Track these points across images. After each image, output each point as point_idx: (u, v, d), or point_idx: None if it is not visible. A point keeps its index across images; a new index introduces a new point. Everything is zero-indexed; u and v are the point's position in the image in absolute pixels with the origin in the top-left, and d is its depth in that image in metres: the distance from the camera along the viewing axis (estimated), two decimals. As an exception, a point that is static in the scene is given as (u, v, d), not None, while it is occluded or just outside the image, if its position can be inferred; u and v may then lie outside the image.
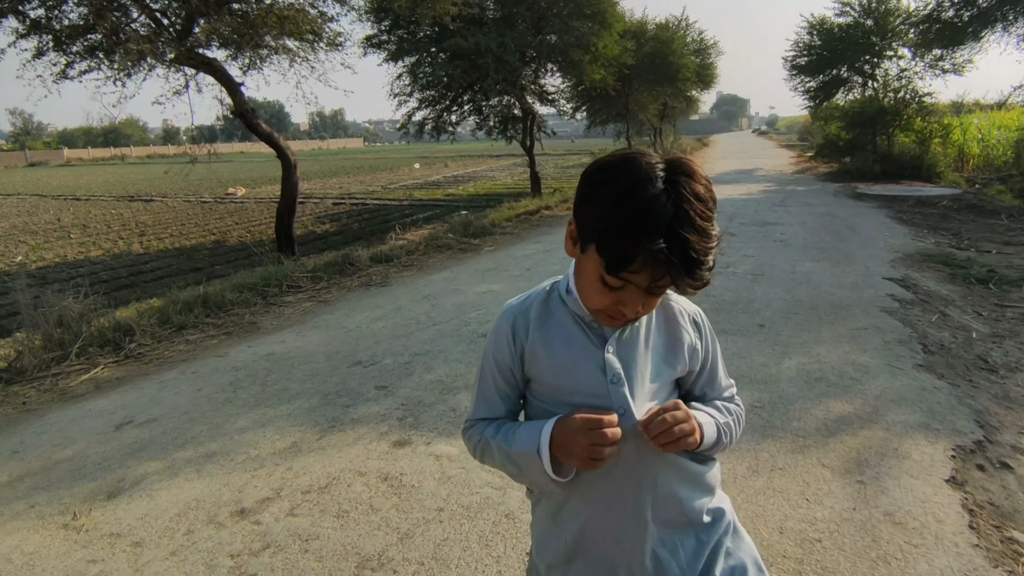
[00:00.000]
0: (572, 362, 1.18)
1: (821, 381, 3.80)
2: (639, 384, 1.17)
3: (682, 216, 0.96)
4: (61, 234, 14.36)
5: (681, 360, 1.23)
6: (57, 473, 3.10)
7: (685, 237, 0.95)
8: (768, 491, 2.67)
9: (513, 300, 1.28)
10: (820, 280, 6.21)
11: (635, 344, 1.19)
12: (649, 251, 0.95)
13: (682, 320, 1.25)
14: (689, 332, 1.25)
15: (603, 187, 1.02)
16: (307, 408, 3.71)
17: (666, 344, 1.23)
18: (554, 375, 1.19)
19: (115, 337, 5.07)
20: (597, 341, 1.18)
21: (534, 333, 1.21)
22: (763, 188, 15.50)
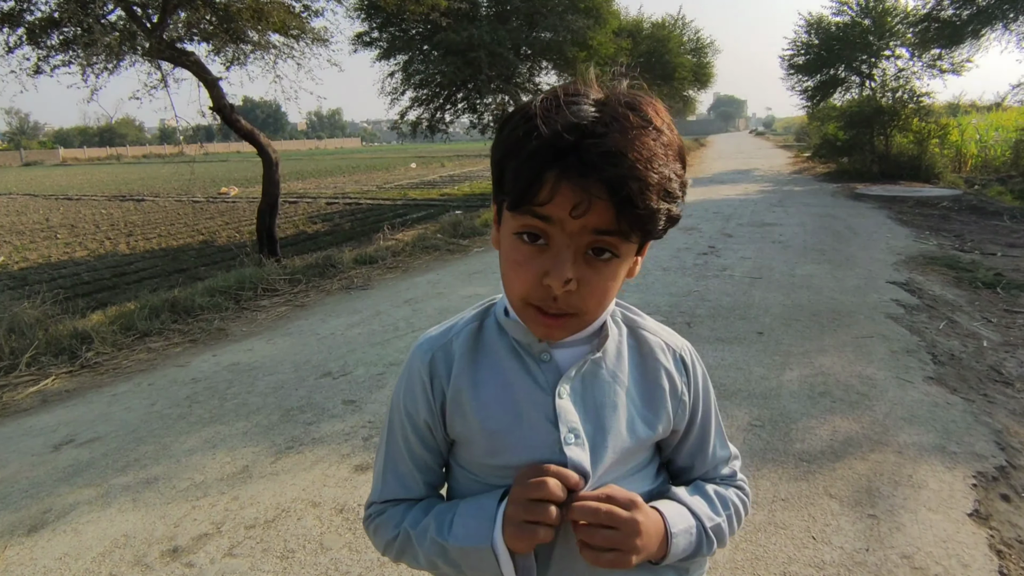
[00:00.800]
0: (510, 413, 0.86)
1: (825, 396, 3.50)
2: (606, 443, 0.85)
3: (606, 120, 0.70)
4: (48, 234, 14.02)
5: (663, 414, 0.91)
6: (-22, 502, 2.78)
7: (607, 135, 0.69)
8: (769, 527, 2.36)
9: (432, 330, 0.95)
10: (821, 284, 5.92)
11: (599, 384, 0.87)
12: (558, 158, 0.69)
13: (663, 357, 0.93)
14: (673, 374, 0.93)
15: (511, 118, 0.76)
16: (265, 426, 3.40)
17: (643, 390, 0.91)
18: (487, 434, 0.86)
19: (71, 345, 4.74)
20: (545, 382, 0.86)
21: (459, 376, 0.88)
22: (760, 188, 15.22)
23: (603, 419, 0.86)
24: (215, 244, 12.21)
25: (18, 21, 8.09)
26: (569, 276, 0.73)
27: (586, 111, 0.70)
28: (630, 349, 0.92)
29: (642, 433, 0.89)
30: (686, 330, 4.70)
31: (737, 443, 2.99)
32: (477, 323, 0.92)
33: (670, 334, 0.97)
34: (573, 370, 0.86)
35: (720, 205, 12.03)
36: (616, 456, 0.86)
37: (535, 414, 0.85)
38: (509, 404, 0.86)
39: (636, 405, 0.89)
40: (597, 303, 0.79)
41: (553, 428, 0.84)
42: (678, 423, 0.93)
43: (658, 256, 7.36)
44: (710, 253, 7.53)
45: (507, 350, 0.88)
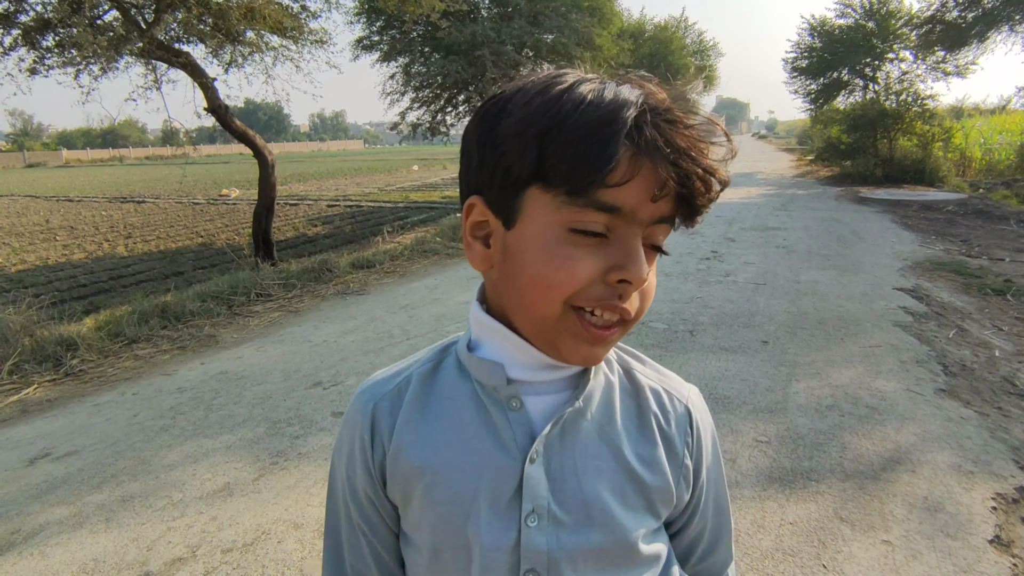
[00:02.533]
0: (461, 478, 0.66)
1: (833, 410, 3.36)
2: (585, 526, 0.66)
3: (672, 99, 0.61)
4: (47, 236, 13.91)
5: (663, 489, 0.70)
6: (-55, 521, 2.65)
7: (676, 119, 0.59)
8: (777, 554, 2.22)
9: (378, 374, 0.76)
10: (827, 290, 5.77)
11: (580, 442, 0.67)
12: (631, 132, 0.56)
13: (658, 406, 0.73)
14: (673, 433, 0.72)
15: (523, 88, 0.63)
16: (250, 439, 3.26)
17: (639, 450, 0.70)
18: (430, 503, 0.67)
19: (55, 352, 4.61)
20: (513, 439, 0.66)
21: (404, 430, 0.69)
22: (763, 192, 15.08)
23: (583, 492, 0.66)
24: (213, 247, 12.09)
25: (12, 23, 8.00)
26: (647, 270, 0.61)
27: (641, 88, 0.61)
28: (623, 396, 0.72)
29: (641, 513, 0.69)
30: (688, 338, 4.57)
31: (743, 460, 2.86)
32: (432, 364, 0.74)
33: (675, 380, 0.77)
34: (549, 425, 0.66)
35: (723, 208, 11.89)
36: (605, 546, 0.67)
37: (496, 482, 0.66)
38: (459, 464, 0.67)
39: (631, 472, 0.69)
40: (646, 307, 0.65)
41: (515, 502, 0.65)
42: (680, 495, 0.73)
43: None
44: (713, 258, 7.40)
45: (467, 397, 0.69)
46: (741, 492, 2.61)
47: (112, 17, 8.18)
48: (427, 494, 0.67)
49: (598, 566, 0.67)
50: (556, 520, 0.65)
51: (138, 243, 12.79)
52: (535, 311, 0.62)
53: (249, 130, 8.77)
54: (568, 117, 0.57)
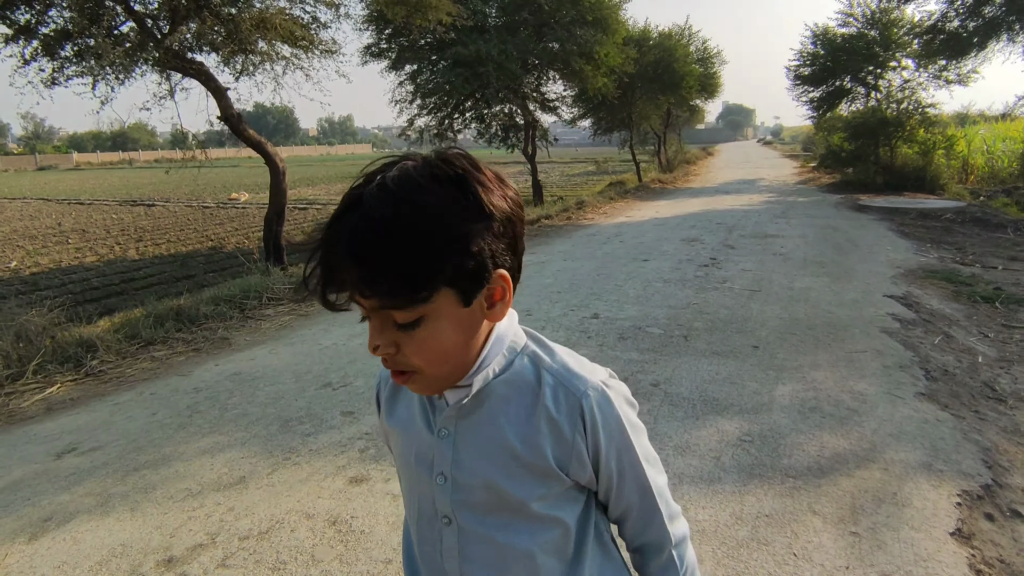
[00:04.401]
0: (406, 442, 0.96)
1: (816, 411, 3.54)
2: (474, 486, 0.89)
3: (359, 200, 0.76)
4: (59, 239, 14.16)
5: (543, 461, 0.87)
6: (-18, 510, 2.85)
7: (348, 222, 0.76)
8: (752, 543, 2.40)
9: None
10: (819, 297, 5.95)
11: (474, 426, 0.89)
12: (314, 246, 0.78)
13: (553, 403, 0.86)
14: (556, 418, 0.86)
15: None
16: (264, 436, 3.46)
17: (525, 434, 0.87)
18: (396, 454, 1.01)
19: (76, 353, 4.83)
20: (433, 422, 0.93)
21: (386, 404, 1.02)
22: (765, 199, 15.24)
23: (472, 462, 0.88)
24: (223, 251, 12.31)
25: (34, 34, 8.25)
26: (376, 343, 0.80)
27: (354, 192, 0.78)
28: (522, 390, 0.87)
29: (524, 479, 0.87)
30: (683, 343, 4.75)
31: (726, 458, 3.04)
32: None
33: (575, 377, 0.88)
34: (447, 412, 0.89)
35: (724, 216, 12.06)
36: (492, 502, 0.88)
37: (420, 449, 0.92)
38: (406, 439, 0.96)
39: (511, 450, 0.86)
40: (428, 362, 0.81)
41: (431, 466, 0.91)
42: (577, 476, 0.89)
43: (659, 268, 7.41)
44: (711, 265, 7.57)
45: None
46: (723, 487, 2.79)
47: (129, 28, 8.43)
48: (394, 447, 1.00)
49: (492, 517, 0.89)
50: (455, 482, 0.89)
51: (149, 246, 13.02)
52: None
53: (261, 138, 8.99)
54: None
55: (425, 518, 0.94)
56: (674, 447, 3.18)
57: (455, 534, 0.91)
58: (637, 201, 15.73)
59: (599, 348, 4.71)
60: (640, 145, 26.54)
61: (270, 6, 8.53)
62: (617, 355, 4.54)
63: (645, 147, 29.37)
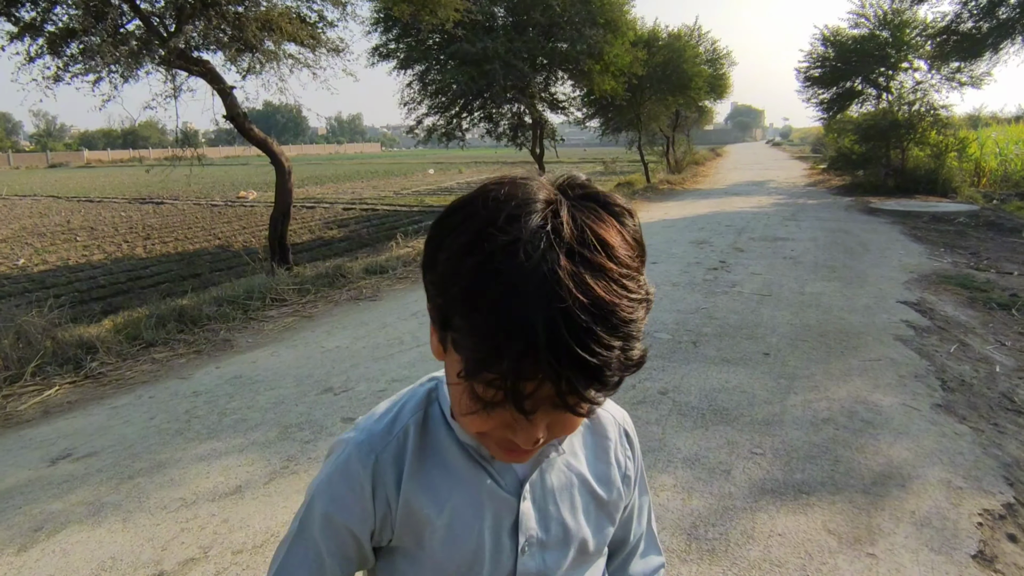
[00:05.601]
0: (467, 522, 0.76)
1: (829, 423, 3.43)
2: (567, 546, 0.80)
3: (572, 285, 0.54)
4: (68, 237, 14.17)
5: (615, 500, 0.86)
6: (-28, 518, 2.78)
7: (575, 324, 0.53)
8: (764, 564, 2.31)
9: (367, 421, 0.80)
10: (830, 303, 5.83)
11: (557, 479, 0.80)
12: (515, 350, 0.54)
13: (612, 432, 0.87)
14: (618, 451, 0.87)
15: (448, 238, 0.61)
16: (263, 443, 3.38)
17: (598, 474, 0.84)
18: (441, 545, 0.76)
19: (76, 355, 4.77)
20: (505, 482, 0.77)
21: (410, 483, 0.75)
22: (774, 201, 15.11)
23: (563, 519, 0.80)
24: (230, 249, 12.27)
25: (39, 31, 8.21)
26: (540, 437, 0.63)
27: (543, 276, 0.54)
28: (583, 429, 0.85)
29: (603, 523, 0.84)
30: (692, 350, 4.65)
31: (736, 472, 2.94)
32: (422, 413, 0.78)
33: (614, 406, 0.91)
34: (536, 471, 0.78)
35: (733, 218, 11.94)
36: (576, 556, 0.81)
37: (496, 521, 0.76)
38: (464, 511, 0.76)
39: (594, 494, 0.83)
40: (568, 435, 0.75)
41: (512, 535, 0.77)
42: (627, 502, 0.89)
43: (668, 271, 7.30)
44: (720, 268, 7.46)
45: (458, 449, 0.77)
46: (733, 503, 2.69)
47: (135, 26, 8.39)
48: (439, 537, 0.75)
49: (573, 568, 0.82)
50: (543, 545, 0.78)
51: (156, 244, 13.02)
52: (460, 423, 0.72)
53: (267, 137, 8.93)
54: (460, 307, 0.58)
55: None
56: (683, 459, 3.08)
57: None
58: (645, 202, 15.61)
59: (606, 354, 4.60)
60: (648, 146, 26.38)
61: (277, 5, 8.48)
62: (624, 361, 4.43)
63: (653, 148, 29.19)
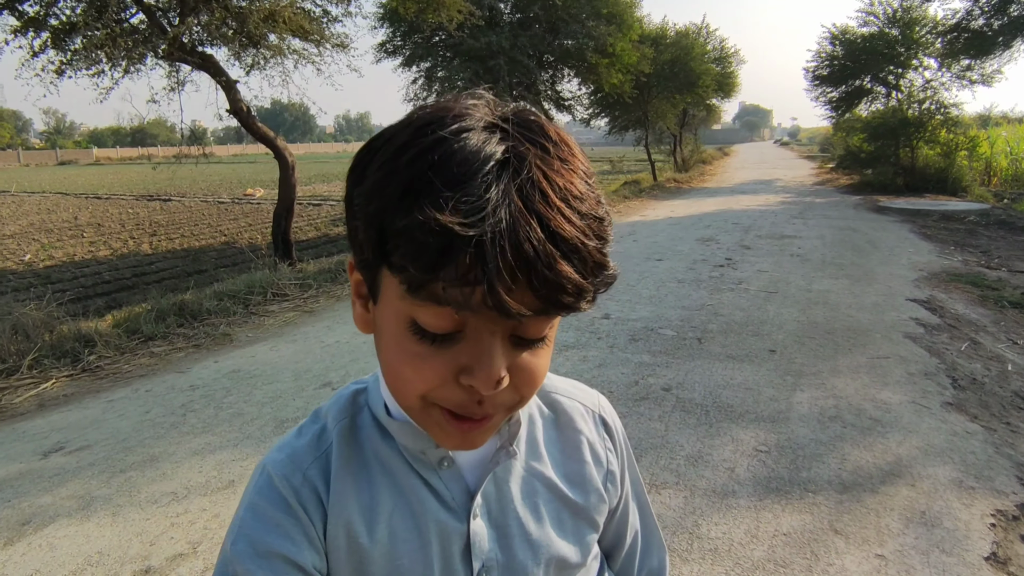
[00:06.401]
0: (411, 547, 0.63)
1: (836, 421, 3.35)
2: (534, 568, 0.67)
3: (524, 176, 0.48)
4: (75, 233, 14.17)
5: (594, 497, 0.72)
6: (-40, 511, 2.73)
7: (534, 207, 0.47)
8: (769, 564, 2.23)
9: (288, 437, 0.69)
10: (838, 300, 5.74)
11: (514, 488, 0.67)
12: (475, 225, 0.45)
13: (583, 423, 0.74)
14: (595, 443, 0.74)
15: (381, 149, 0.52)
16: (258, 437, 3.33)
17: (568, 473, 0.71)
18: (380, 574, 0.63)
19: (74, 348, 4.72)
20: (452, 498, 0.65)
21: (339, 498, 0.63)
22: (781, 199, 14.99)
23: (528, 535, 0.66)
24: (236, 246, 12.25)
25: (42, 25, 8.20)
26: (503, 373, 0.52)
27: (489, 153, 0.48)
28: (545, 424, 0.72)
29: (582, 533, 0.71)
30: (696, 346, 4.57)
31: (741, 470, 2.87)
32: (348, 420, 0.67)
33: (583, 391, 0.78)
34: (487, 480, 0.66)
35: (740, 216, 11.84)
36: (552, 572, 0.68)
37: (444, 545, 0.64)
38: (406, 535, 0.63)
39: (566, 500, 0.70)
40: (532, 390, 0.57)
41: (465, 561, 0.64)
42: (612, 500, 0.75)
43: (674, 268, 7.22)
44: (727, 265, 7.38)
45: (396, 460, 0.65)
46: (737, 501, 2.62)
47: (138, 20, 8.36)
48: (376, 565, 0.63)
49: None
50: (507, 568, 0.65)
51: (163, 241, 13.01)
52: (397, 398, 0.59)
53: (270, 132, 8.89)
54: (403, 200, 0.48)
55: None
56: (685, 457, 3.01)
57: None
58: (652, 200, 15.52)
59: (609, 349, 4.54)
60: (655, 144, 26.26)
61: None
62: (628, 357, 4.37)
63: (660, 146, 29.07)
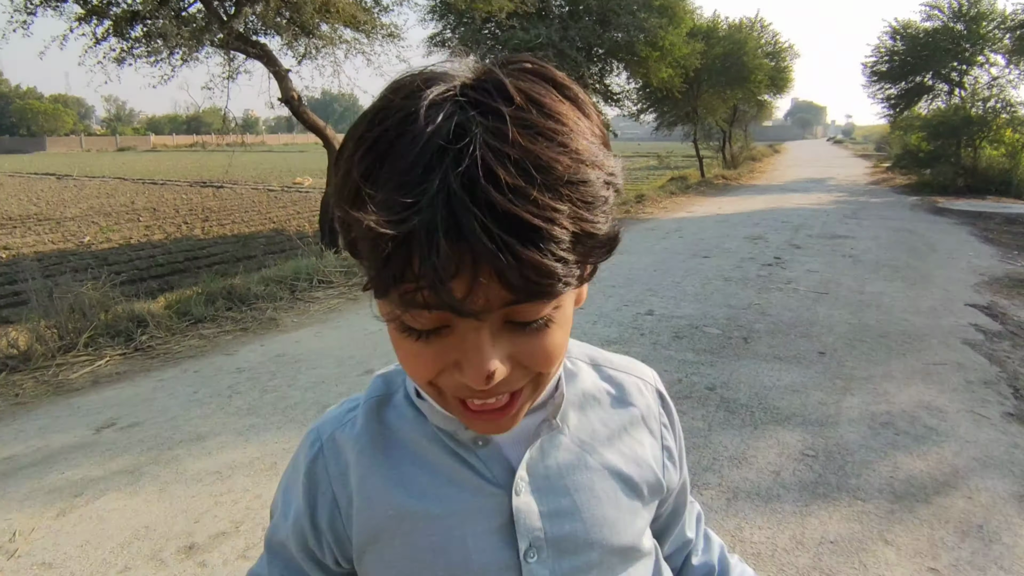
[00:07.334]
0: (444, 525, 0.61)
1: (888, 427, 3.24)
2: (588, 545, 0.63)
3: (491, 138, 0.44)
4: (131, 217, 14.60)
5: (652, 480, 0.68)
6: (16, 482, 2.83)
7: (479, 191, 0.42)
8: (814, 572, 2.16)
9: (332, 409, 0.70)
10: (892, 303, 5.56)
11: (564, 462, 0.64)
12: (403, 221, 0.42)
13: (640, 398, 0.71)
14: (654, 421, 0.71)
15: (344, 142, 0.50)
16: (301, 421, 3.37)
17: (624, 450, 0.67)
18: (410, 556, 0.61)
19: (127, 328, 4.86)
20: (492, 474, 0.62)
21: (368, 474, 0.62)
22: (834, 198, 14.59)
23: (579, 511, 0.63)
24: (284, 233, 12.47)
25: (105, 13, 8.45)
26: (493, 368, 0.49)
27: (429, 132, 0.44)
28: (601, 399, 0.69)
29: (637, 513, 0.67)
30: (742, 346, 4.48)
31: (786, 474, 2.79)
32: (378, 399, 0.66)
33: (640, 366, 0.75)
34: (529, 452, 0.62)
35: (790, 215, 11.57)
36: (606, 557, 0.64)
37: (481, 523, 0.61)
38: (445, 515, 0.61)
39: (620, 476, 0.66)
40: (548, 365, 0.53)
41: (504, 544, 0.61)
42: (671, 479, 0.72)
43: (720, 266, 7.09)
44: (775, 264, 7.21)
45: (429, 439, 0.63)
46: (782, 506, 2.55)
47: (196, 9, 8.56)
48: (405, 545, 0.62)
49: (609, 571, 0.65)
50: (557, 547, 0.62)
51: (214, 226, 13.32)
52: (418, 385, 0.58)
53: (319, 121, 9.01)
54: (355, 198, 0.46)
55: None
56: (729, 458, 2.94)
57: None
58: (699, 197, 15.27)
59: (652, 347, 4.48)
60: (704, 140, 25.81)
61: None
62: (671, 355, 4.30)
63: (709, 142, 28.58)
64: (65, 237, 11.95)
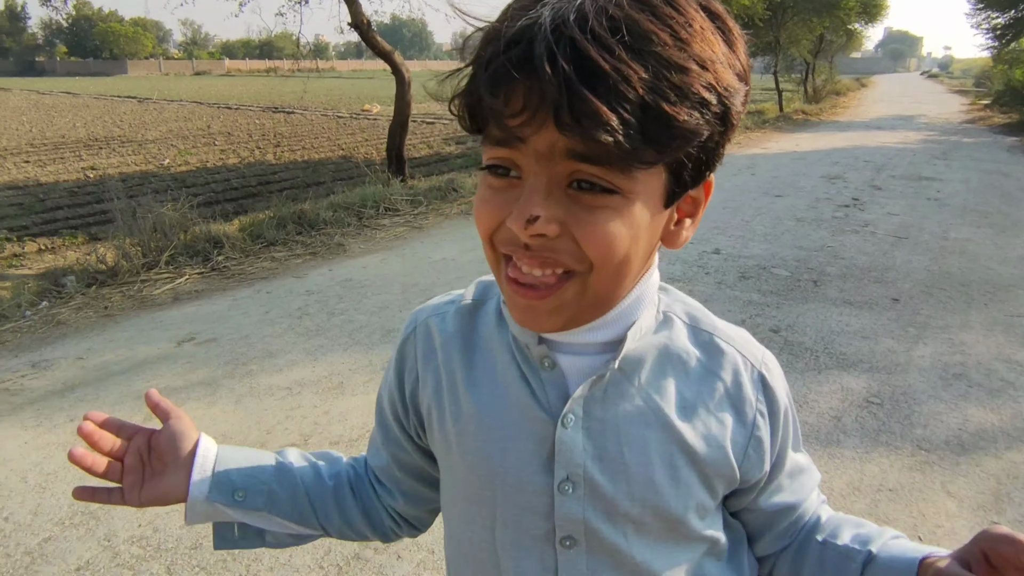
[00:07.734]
0: (493, 434, 0.64)
1: (961, 379, 3.13)
2: (624, 497, 0.62)
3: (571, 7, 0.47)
4: (207, 141, 15.01)
5: (719, 460, 0.63)
6: (108, 387, 3.05)
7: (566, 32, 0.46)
8: (870, 518, 2.14)
9: (434, 300, 0.76)
10: (978, 251, 5.28)
11: (624, 409, 0.62)
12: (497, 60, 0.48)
13: (727, 373, 0.65)
14: (745, 403, 0.65)
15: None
16: (366, 344, 3.49)
17: (697, 419, 0.63)
18: (461, 451, 0.66)
19: (204, 248, 5.07)
20: (547, 400, 0.62)
21: (445, 364, 0.68)
22: (923, 137, 13.75)
23: (626, 466, 0.61)
24: (352, 160, 12.60)
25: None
26: (536, 213, 0.50)
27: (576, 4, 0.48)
28: (687, 361, 0.64)
29: (694, 490, 0.63)
30: (811, 289, 4.35)
31: (848, 419, 2.76)
32: (473, 303, 0.71)
33: (749, 343, 0.68)
34: (583, 387, 0.60)
35: (873, 153, 10.99)
36: (637, 515, 0.62)
37: (527, 444, 0.63)
38: (497, 424, 0.64)
39: (682, 444, 0.62)
40: (605, 257, 0.52)
41: (543, 470, 0.62)
42: (755, 472, 0.66)
43: (794, 205, 6.84)
44: (853, 206, 6.91)
45: (504, 349, 0.65)
46: (841, 451, 2.52)
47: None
48: (460, 439, 0.66)
49: (642, 539, 0.63)
50: (594, 489, 0.61)
51: (285, 152, 13.58)
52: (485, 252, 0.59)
53: (388, 46, 8.94)
54: (476, 47, 0.54)
55: (526, 541, 0.64)
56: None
57: (583, 559, 0.63)
58: (775, 132, 14.63)
59: (717, 286, 4.40)
60: (785, 72, 24.52)
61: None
62: (736, 295, 4.23)
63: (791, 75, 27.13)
64: (146, 159, 12.39)
